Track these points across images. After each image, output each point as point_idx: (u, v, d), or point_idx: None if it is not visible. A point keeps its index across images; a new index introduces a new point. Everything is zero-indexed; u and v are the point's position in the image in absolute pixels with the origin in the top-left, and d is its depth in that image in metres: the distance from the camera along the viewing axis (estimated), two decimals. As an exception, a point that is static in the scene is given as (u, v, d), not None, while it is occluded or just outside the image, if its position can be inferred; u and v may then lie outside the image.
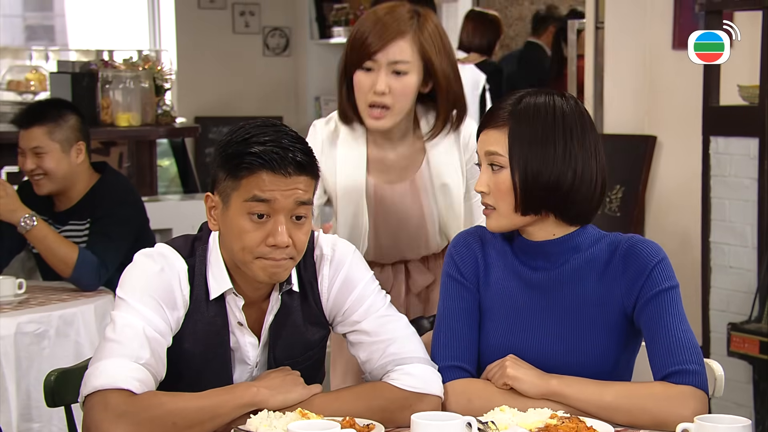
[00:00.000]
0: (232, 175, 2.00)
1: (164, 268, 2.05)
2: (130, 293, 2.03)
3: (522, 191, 2.04)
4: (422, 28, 2.40)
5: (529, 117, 2.05)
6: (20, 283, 3.31)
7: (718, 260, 4.03)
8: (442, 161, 2.50)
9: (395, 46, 2.37)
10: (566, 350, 2.08)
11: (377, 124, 2.39)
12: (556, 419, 1.91)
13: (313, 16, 7.72)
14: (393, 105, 2.37)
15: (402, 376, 2.05)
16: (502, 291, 2.13)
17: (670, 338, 2.01)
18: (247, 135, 2.00)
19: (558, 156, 2.03)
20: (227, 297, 2.08)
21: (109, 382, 1.93)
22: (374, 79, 2.36)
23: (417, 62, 2.38)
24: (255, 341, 2.11)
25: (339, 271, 2.13)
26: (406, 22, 2.39)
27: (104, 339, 2.01)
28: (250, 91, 7.65)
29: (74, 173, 3.54)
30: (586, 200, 2.06)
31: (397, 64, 2.37)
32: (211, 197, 2.06)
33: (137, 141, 5.56)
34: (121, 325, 2.00)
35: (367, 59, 2.37)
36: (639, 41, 4.77)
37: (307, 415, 1.94)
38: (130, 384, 1.93)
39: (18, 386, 3.11)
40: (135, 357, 1.97)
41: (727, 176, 3.99)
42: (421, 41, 2.39)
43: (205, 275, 2.07)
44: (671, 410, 1.95)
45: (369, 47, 2.36)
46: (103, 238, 3.45)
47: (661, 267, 2.06)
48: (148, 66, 5.40)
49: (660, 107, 4.73)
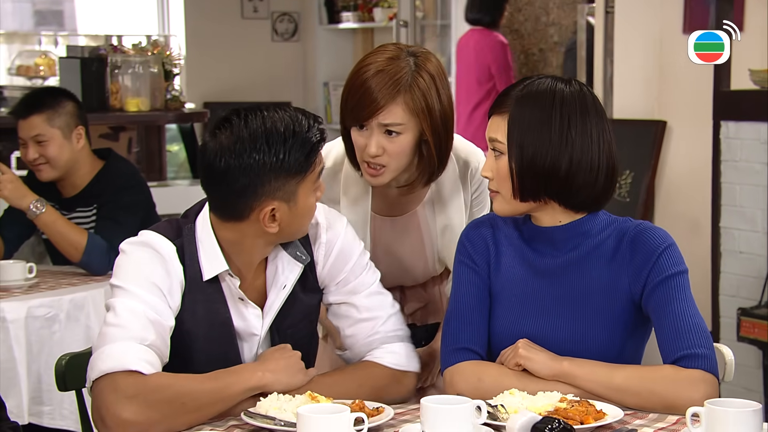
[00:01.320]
0: (300, 172, 2.02)
1: (153, 253, 2.05)
2: (125, 280, 2.03)
3: (518, 177, 2.04)
4: (416, 84, 2.24)
5: (529, 103, 2.05)
6: (30, 268, 3.32)
7: (729, 245, 4.02)
8: (446, 198, 2.43)
9: (386, 111, 2.23)
10: (573, 337, 2.08)
11: (374, 181, 2.31)
12: (566, 402, 1.91)
13: (322, 1, 7.69)
14: (389, 164, 2.27)
15: (387, 354, 2.16)
16: (512, 277, 2.13)
17: (679, 323, 2.01)
18: (289, 132, 2.00)
19: (554, 142, 2.02)
20: (224, 278, 2.09)
21: (117, 365, 1.93)
22: (368, 139, 2.26)
23: (410, 121, 2.25)
24: (259, 312, 2.12)
25: (335, 240, 2.17)
26: (398, 82, 2.23)
27: (105, 325, 2.00)
28: (258, 77, 7.64)
29: (76, 159, 3.54)
30: (587, 187, 2.05)
31: (389, 126, 2.25)
32: (269, 206, 2.02)
33: (146, 126, 5.56)
34: (121, 310, 2.00)
35: (360, 122, 2.27)
36: (649, 26, 4.75)
37: (317, 398, 1.95)
38: (139, 365, 1.94)
39: (29, 370, 3.12)
40: (140, 339, 1.97)
41: (738, 161, 3.98)
42: (414, 100, 2.24)
43: (197, 255, 2.07)
44: (681, 393, 1.95)
45: (359, 112, 2.25)
46: (111, 223, 3.46)
47: (669, 253, 2.05)
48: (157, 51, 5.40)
49: (670, 92, 4.72)
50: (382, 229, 2.45)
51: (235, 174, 1.99)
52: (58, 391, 2.28)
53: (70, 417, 3.15)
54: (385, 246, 2.46)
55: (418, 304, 2.57)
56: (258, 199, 2.01)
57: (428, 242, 2.47)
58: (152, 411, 1.91)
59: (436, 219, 2.45)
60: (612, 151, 2.08)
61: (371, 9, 7.36)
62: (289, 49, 7.84)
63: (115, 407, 1.91)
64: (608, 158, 2.07)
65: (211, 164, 2.02)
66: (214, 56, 7.53)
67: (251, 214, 2.03)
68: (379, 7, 7.29)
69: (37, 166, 3.53)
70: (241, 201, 2.02)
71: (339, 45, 7.63)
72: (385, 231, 2.46)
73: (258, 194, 2.01)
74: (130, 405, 1.90)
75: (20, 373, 3.09)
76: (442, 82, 2.30)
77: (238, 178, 1.99)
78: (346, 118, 2.30)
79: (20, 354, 3.09)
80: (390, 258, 2.47)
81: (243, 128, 2.00)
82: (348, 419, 1.81)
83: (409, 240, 2.47)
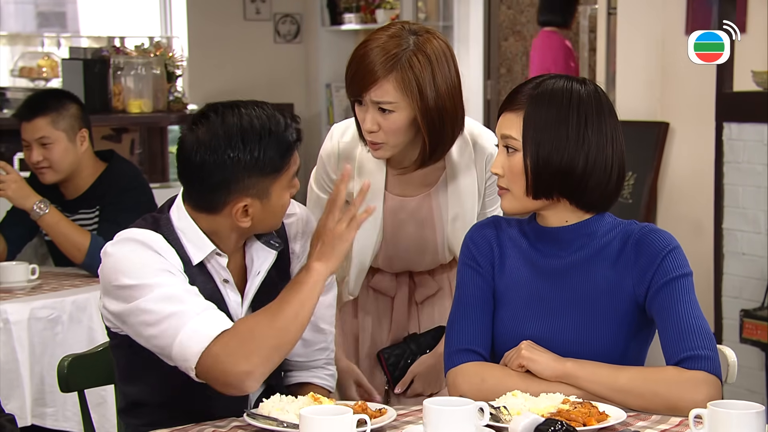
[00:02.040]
0: (274, 171, 2.04)
1: (143, 245, 2.05)
2: (138, 276, 2.02)
3: (534, 174, 2.04)
4: (410, 64, 2.24)
5: (545, 101, 2.05)
6: (33, 269, 3.32)
7: (731, 247, 4.02)
8: (460, 183, 2.44)
9: (377, 87, 2.25)
10: (577, 339, 2.08)
11: (375, 154, 2.34)
12: (569, 404, 1.91)
13: (324, 3, 7.69)
14: (386, 141, 2.29)
15: (328, 377, 2.33)
16: (516, 279, 2.13)
17: (682, 324, 2.01)
18: (264, 131, 2.02)
19: (571, 140, 2.03)
20: (209, 260, 2.10)
21: (205, 338, 1.95)
22: (365, 114, 2.29)
23: (402, 100, 2.25)
24: (239, 298, 2.14)
25: (307, 230, 2.22)
26: (393, 59, 2.24)
27: (159, 321, 1.98)
28: (261, 78, 7.64)
29: (79, 161, 3.54)
30: (600, 187, 2.06)
31: (381, 103, 2.26)
32: (242, 202, 2.04)
33: (149, 127, 5.57)
34: (161, 300, 1.99)
35: (355, 95, 2.30)
36: (651, 26, 4.75)
37: (319, 400, 1.95)
38: (221, 326, 1.97)
39: (31, 371, 3.12)
40: (203, 307, 2.00)
41: (740, 162, 3.98)
42: (405, 80, 2.24)
43: (180, 242, 2.08)
44: (683, 395, 1.95)
45: (354, 85, 2.28)
46: (114, 225, 3.43)
47: (673, 255, 2.05)
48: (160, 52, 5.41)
49: (673, 93, 4.72)
50: (394, 208, 2.46)
51: (209, 169, 2.02)
52: (61, 392, 2.28)
53: (73, 419, 3.16)
54: (395, 227, 2.46)
55: (429, 291, 2.57)
56: (231, 195, 2.04)
57: (439, 227, 2.47)
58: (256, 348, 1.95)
59: (449, 203, 2.45)
60: (623, 151, 2.09)
61: (373, 11, 7.36)
62: (291, 50, 7.85)
63: (231, 368, 1.94)
64: (620, 158, 2.07)
65: (187, 158, 2.06)
66: (217, 58, 7.54)
67: (224, 209, 2.06)
68: (381, 9, 7.29)
69: (39, 170, 3.52)
70: (214, 195, 2.05)
71: (341, 47, 7.63)
72: (398, 211, 2.46)
73: (231, 191, 2.04)
74: (236, 358, 1.94)
75: (23, 374, 3.10)
76: (441, 65, 2.28)
77: (213, 173, 2.02)
78: (347, 90, 2.34)
79: (23, 355, 3.10)
80: (400, 240, 2.47)
81: (219, 124, 2.03)
82: (350, 420, 1.81)
83: (421, 222, 2.47)
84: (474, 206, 2.45)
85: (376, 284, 2.56)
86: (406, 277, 2.56)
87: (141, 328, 2.01)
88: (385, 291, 2.57)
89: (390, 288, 2.56)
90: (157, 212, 2.15)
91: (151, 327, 1.99)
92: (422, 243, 2.49)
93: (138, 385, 2.15)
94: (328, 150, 2.46)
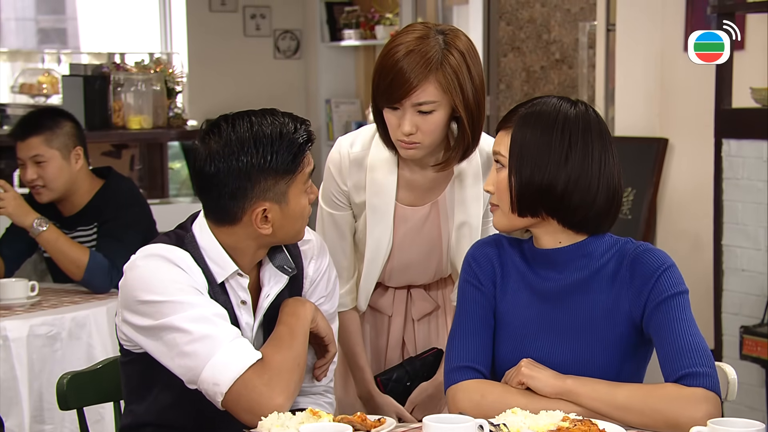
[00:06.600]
0: (288, 173, 2.06)
1: (170, 262, 2.05)
2: (167, 293, 2.02)
3: (517, 191, 2.06)
4: (447, 62, 2.27)
5: (531, 121, 2.07)
6: (33, 286, 3.32)
7: (731, 263, 4.01)
8: (466, 190, 2.45)
9: (420, 91, 2.27)
10: (576, 359, 2.08)
11: (410, 153, 2.34)
12: (569, 422, 1.91)
13: (324, 19, 7.72)
14: (423, 141, 2.31)
15: (327, 405, 2.32)
16: (516, 302, 2.14)
17: (679, 342, 2.01)
18: (275, 134, 2.06)
19: (553, 160, 2.04)
20: (230, 280, 2.11)
21: (238, 368, 1.98)
22: (401, 118, 2.30)
23: (443, 98, 2.28)
24: (251, 320, 2.15)
25: (324, 256, 2.25)
26: (429, 61, 2.26)
27: (192, 342, 1.98)
28: (261, 94, 7.66)
29: (74, 179, 3.55)
30: (585, 206, 2.05)
31: (422, 105, 2.28)
32: (260, 206, 2.06)
33: (149, 143, 5.57)
34: (194, 320, 1.99)
35: (393, 103, 2.30)
36: (650, 43, 4.76)
37: (318, 414, 1.94)
38: (253, 356, 2.00)
39: (30, 388, 3.11)
40: (235, 334, 2.02)
41: (740, 179, 3.98)
42: (446, 77, 2.27)
43: (204, 260, 2.09)
44: (683, 411, 1.95)
45: (392, 93, 2.28)
46: (112, 241, 3.46)
47: (668, 274, 2.06)
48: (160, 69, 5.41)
49: (672, 109, 4.72)
50: (403, 218, 2.47)
51: (224, 177, 2.04)
52: (60, 410, 2.28)
53: (72, 436, 3.15)
54: (403, 236, 2.47)
55: (426, 309, 2.57)
56: (249, 201, 2.05)
57: (445, 236, 2.48)
58: (288, 382, 2.00)
59: (456, 210, 2.46)
60: (615, 173, 2.08)
61: (373, 26, 7.38)
62: (291, 66, 7.86)
63: (263, 400, 1.97)
64: (609, 180, 2.07)
65: (201, 169, 2.06)
66: (217, 74, 7.55)
67: (243, 216, 2.06)
68: (380, 25, 7.31)
69: (34, 189, 3.53)
70: (232, 203, 2.06)
71: (341, 62, 7.64)
72: (406, 221, 2.47)
73: (248, 196, 2.05)
74: (271, 390, 1.98)
75: (21, 391, 3.09)
76: (473, 59, 2.32)
77: (228, 181, 2.04)
78: (379, 99, 2.33)
79: (22, 372, 3.09)
80: (407, 250, 2.48)
81: (231, 133, 2.05)
82: (350, 438, 1.80)
83: (427, 232, 2.48)
84: (479, 212, 2.47)
85: (374, 302, 2.56)
86: (404, 295, 2.56)
87: (170, 346, 2.00)
88: (383, 309, 2.57)
89: (387, 306, 2.56)
90: (179, 228, 2.15)
91: (183, 346, 1.99)
92: (429, 250, 2.50)
93: (146, 404, 2.14)
94: (337, 161, 2.46)
